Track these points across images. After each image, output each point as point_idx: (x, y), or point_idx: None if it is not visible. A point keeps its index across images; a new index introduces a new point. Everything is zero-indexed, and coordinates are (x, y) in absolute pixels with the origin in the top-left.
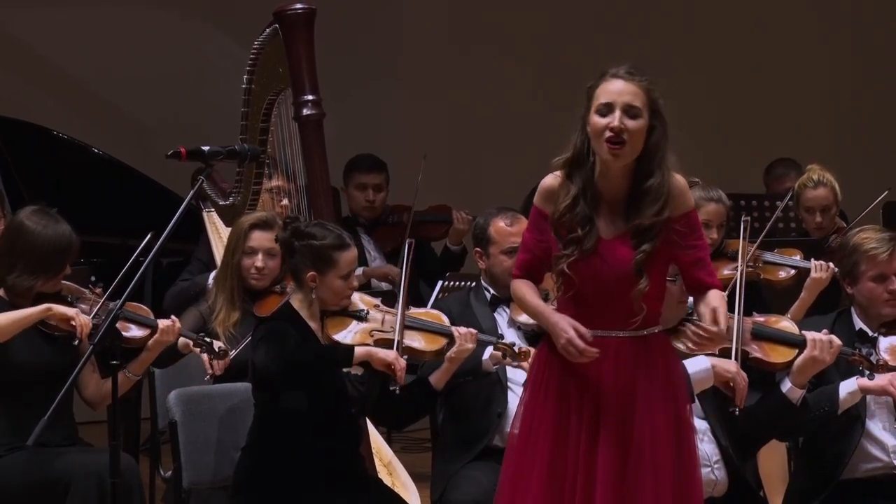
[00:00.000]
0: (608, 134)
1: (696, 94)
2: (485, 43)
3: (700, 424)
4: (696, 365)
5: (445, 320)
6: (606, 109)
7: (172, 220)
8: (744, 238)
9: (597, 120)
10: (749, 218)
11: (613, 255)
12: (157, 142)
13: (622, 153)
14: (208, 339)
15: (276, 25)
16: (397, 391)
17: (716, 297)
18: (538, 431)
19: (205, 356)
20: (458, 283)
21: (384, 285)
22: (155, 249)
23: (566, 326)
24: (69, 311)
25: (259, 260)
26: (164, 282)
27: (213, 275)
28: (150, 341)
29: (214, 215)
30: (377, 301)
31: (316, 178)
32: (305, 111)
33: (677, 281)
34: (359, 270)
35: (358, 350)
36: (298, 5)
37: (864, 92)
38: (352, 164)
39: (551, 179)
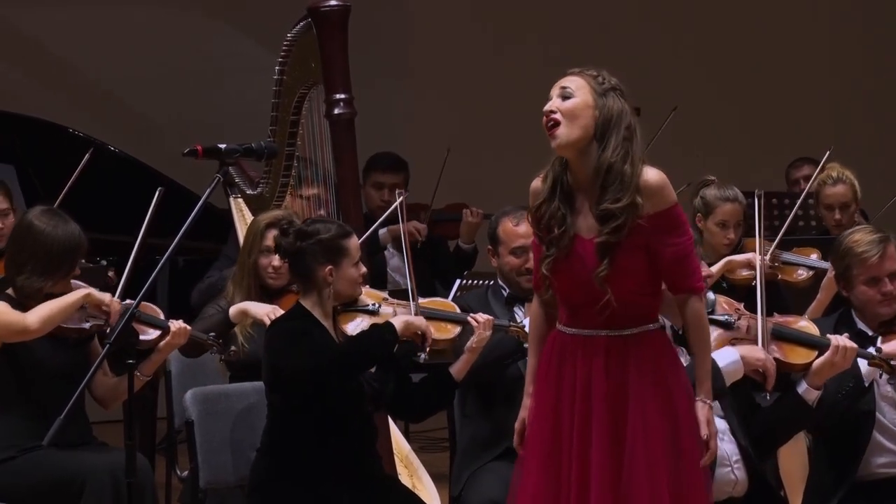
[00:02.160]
0: (545, 121)
1: (706, 93)
2: (499, 38)
3: (720, 424)
4: (725, 357)
5: (456, 308)
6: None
7: (188, 220)
8: (759, 216)
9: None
10: (762, 193)
11: (589, 253)
12: (174, 140)
13: (558, 134)
14: (221, 341)
15: (310, 20)
16: (424, 357)
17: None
18: (536, 433)
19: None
20: (475, 281)
21: (400, 280)
22: (172, 248)
23: (517, 425)
24: (105, 297)
25: (276, 259)
26: (181, 281)
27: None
28: (162, 343)
29: (241, 202)
30: (384, 294)
31: (346, 178)
32: (337, 110)
33: None
34: (383, 230)
35: (396, 323)
36: (333, 1)
37: (874, 91)
38: (371, 162)
39: (535, 181)
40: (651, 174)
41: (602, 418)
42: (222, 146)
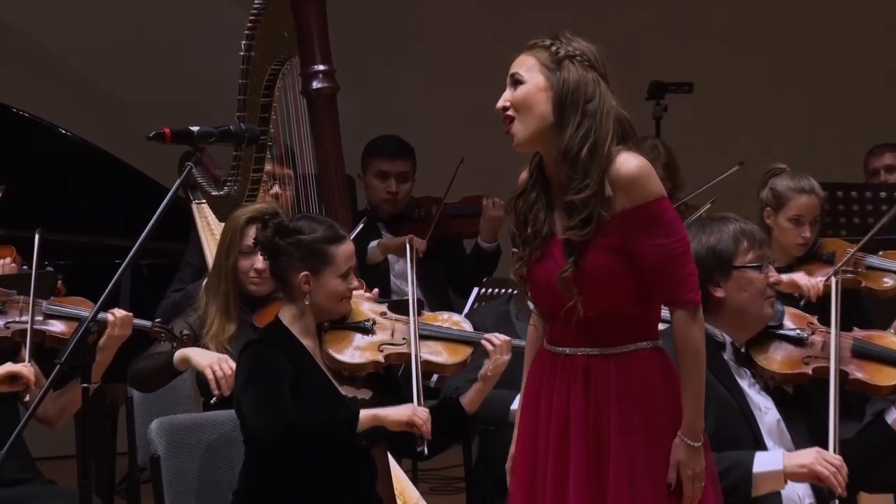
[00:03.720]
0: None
1: (744, 77)
2: (515, 20)
3: None
4: (765, 464)
5: (466, 325)
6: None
7: (155, 216)
8: (836, 309)
9: None
10: (839, 277)
11: (561, 254)
12: (139, 122)
13: (513, 132)
14: (168, 326)
15: None
16: (425, 451)
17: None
18: (518, 470)
19: (212, 373)
20: (496, 290)
21: (405, 287)
22: (134, 249)
23: (507, 463)
24: (1, 370)
25: (259, 261)
26: (145, 288)
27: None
28: (102, 340)
29: (205, 207)
30: (383, 308)
31: (329, 163)
32: (315, 84)
33: (763, 267)
34: (373, 243)
35: (362, 417)
36: None
37: None
38: (372, 149)
39: (523, 173)
40: (626, 161)
41: (581, 450)
42: (195, 129)
